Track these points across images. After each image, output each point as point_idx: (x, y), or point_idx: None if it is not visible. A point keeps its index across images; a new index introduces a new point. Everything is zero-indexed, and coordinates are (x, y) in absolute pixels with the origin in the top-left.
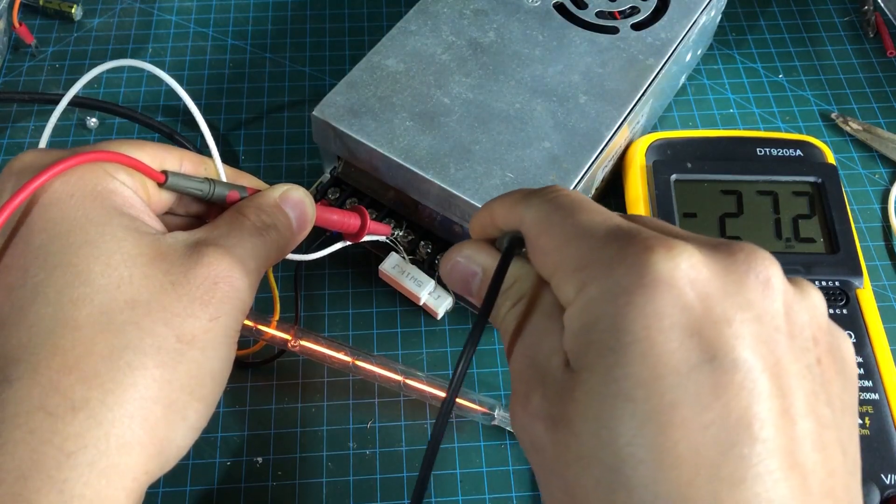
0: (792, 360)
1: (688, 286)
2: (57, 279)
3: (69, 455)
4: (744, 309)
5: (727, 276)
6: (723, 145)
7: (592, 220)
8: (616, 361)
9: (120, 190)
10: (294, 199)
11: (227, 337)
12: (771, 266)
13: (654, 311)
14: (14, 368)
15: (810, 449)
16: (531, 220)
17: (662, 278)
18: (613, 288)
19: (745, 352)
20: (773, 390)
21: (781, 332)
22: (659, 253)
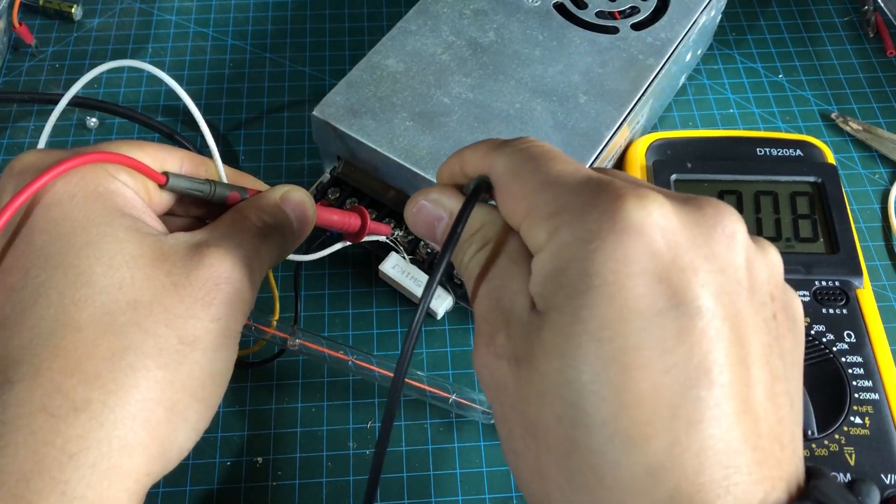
0: (751, 313)
1: (658, 234)
2: (58, 280)
3: (71, 456)
4: (709, 260)
5: (695, 228)
6: (723, 145)
7: (565, 169)
8: (584, 303)
9: (121, 191)
10: (295, 200)
11: (228, 338)
12: (737, 222)
13: (624, 255)
14: (16, 370)
15: (763, 397)
16: (502, 167)
17: (633, 225)
18: (585, 233)
19: (709, 300)
20: (732, 338)
21: (742, 285)
22: (630, 201)
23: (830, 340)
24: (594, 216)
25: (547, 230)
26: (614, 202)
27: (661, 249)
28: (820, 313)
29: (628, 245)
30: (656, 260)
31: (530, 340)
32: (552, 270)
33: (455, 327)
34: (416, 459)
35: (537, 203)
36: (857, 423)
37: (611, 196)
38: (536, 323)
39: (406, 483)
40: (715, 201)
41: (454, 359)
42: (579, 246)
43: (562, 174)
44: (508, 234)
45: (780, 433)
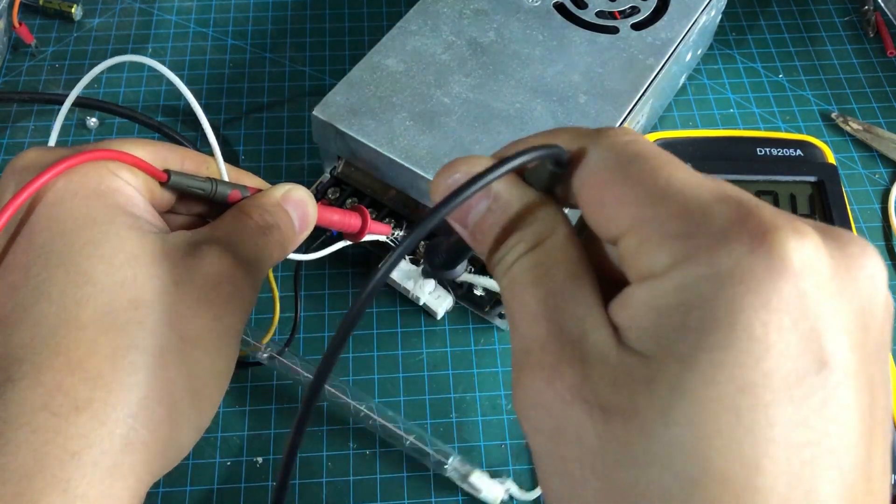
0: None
1: (811, 280)
2: (60, 278)
3: (73, 455)
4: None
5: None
6: (723, 145)
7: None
8: (724, 359)
9: (123, 189)
10: (296, 199)
11: (230, 337)
12: (879, 265)
13: (780, 305)
14: (17, 368)
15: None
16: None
17: (793, 268)
18: (731, 269)
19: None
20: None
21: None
22: (789, 235)
23: None
24: (743, 249)
25: (672, 255)
26: (768, 234)
27: (811, 300)
28: None
29: (783, 291)
30: (807, 313)
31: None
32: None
33: (455, 327)
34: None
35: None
36: None
37: (762, 225)
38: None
39: (406, 483)
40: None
41: (454, 359)
42: (721, 283)
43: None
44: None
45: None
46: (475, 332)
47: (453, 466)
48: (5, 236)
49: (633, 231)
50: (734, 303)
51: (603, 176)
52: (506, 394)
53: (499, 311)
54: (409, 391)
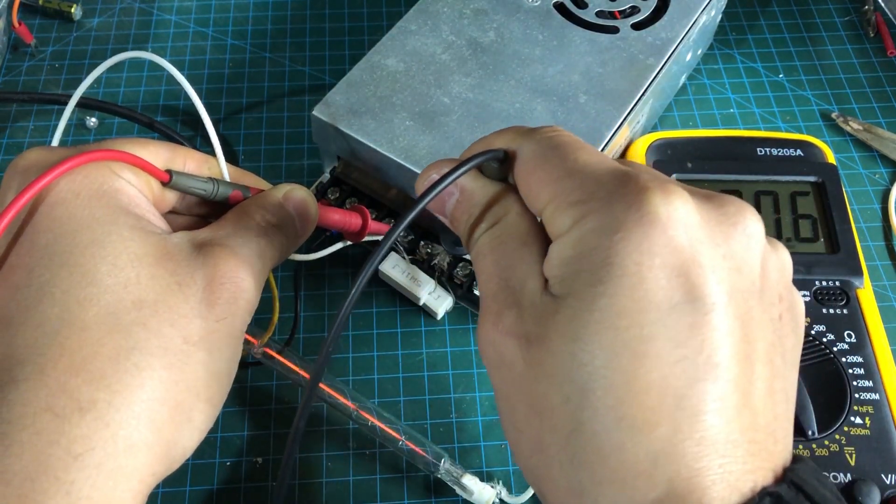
0: (760, 312)
1: (681, 228)
2: (63, 279)
3: (76, 457)
4: (727, 258)
5: (716, 226)
6: (723, 145)
7: (592, 158)
8: (603, 291)
9: (126, 189)
10: (297, 199)
11: (233, 338)
12: (756, 222)
13: (648, 248)
14: (21, 369)
15: (763, 393)
16: (529, 151)
17: (658, 218)
18: (611, 223)
19: (723, 297)
20: (741, 336)
21: (756, 285)
22: (657, 194)
23: (831, 340)
24: (620, 207)
25: (572, 216)
26: (640, 194)
27: (683, 244)
28: (820, 313)
29: (652, 238)
30: (677, 254)
31: (544, 322)
32: (573, 256)
33: (455, 327)
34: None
35: (563, 189)
36: (857, 423)
37: (637, 188)
38: (551, 306)
39: (406, 483)
40: (737, 200)
41: (454, 359)
42: (604, 235)
43: (589, 163)
44: (521, 215)
45: (774, 428)
46: (475, 332)
47: (445, 468)
48: (8, 237)
49: (549, 203)
50: (612, 248)
51: (529, 165)
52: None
53: None
54: (408, 391)
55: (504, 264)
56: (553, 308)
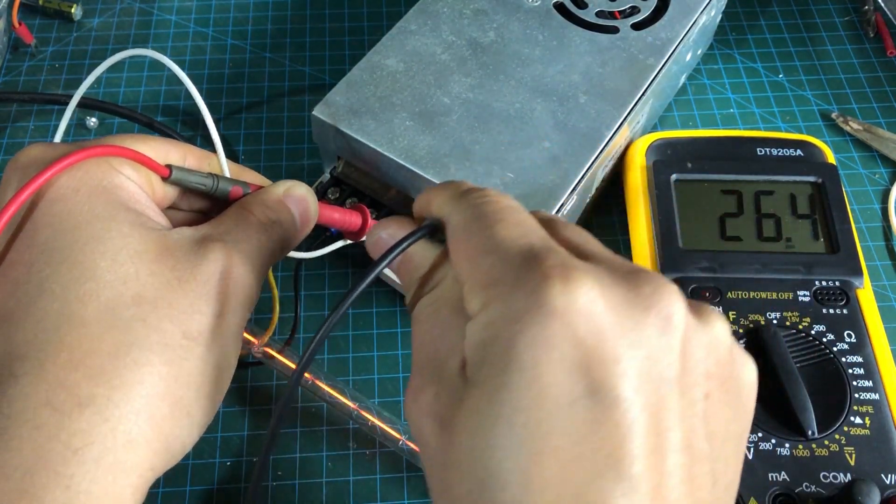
0: (677, 398)
1: (581, 320)
2: (63, 275)
3: (75, 451)
4: (636, 347)
5: (626, 312)
6: (723, 145)
7: (508, 234)
8: (503, 384)
9: (125, 185)
10: (298, 196)
11: (232, 334)
12: (674, 303)
13: (545, 341)
14: (20, 364)
15: (678, 482)
16: (456, 222)
17: (557, 310)
18: (511, 313)
19: (628, 390)
20: (649, 428)
21: (672, 369)
22: (556, 284)
23: (830, 340)
24: (521, 296)
25: (481, 300)
26: (541, 283)
27: (584, 337)
28: (820, 313)
29: (549, 331)
30: (578, 347)
31: (454, 407)
32: (480, 342)
33: None
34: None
35: (477, 269)
36: (857, 423)
37: (539, 276)
38: (461, 390)
39: (406, 483)
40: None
41: None
42: (505, 325)
43: (504, 241)
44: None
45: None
46: None
47: None
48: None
49: (467, 281)
50: (511, 340)
51: (454, 237)
52: None
53: None
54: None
55: (434, 334)
56: (462, 394)
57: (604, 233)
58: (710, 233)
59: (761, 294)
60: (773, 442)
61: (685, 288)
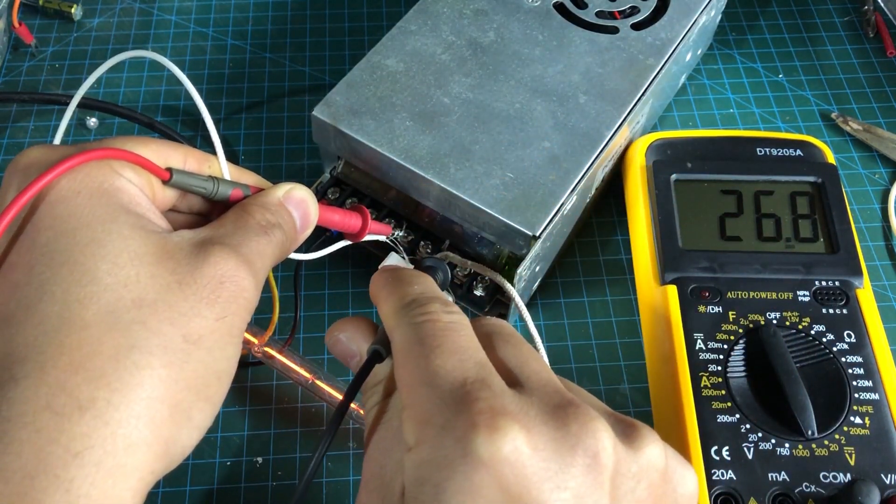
0: None
1: (507, 468)
2: (63, 277)
3: (76, 455)
4: (561, 489)
5: (553, 455)
6: (723, 145)
7: (444, 366)
8: None
9: (126, 187)
10: (297, 198)
11: (232, 337)
12: (602, 439)
13: (470, 489)
14: (20, 367)
15: None
16: (398, 341)
17: (482, 459)
18: (440, 458)
19: None
20: None
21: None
22: (482, 434)
23: (830, 340)
24: (449, 442)
25: (415, 436)
26: (468, 431)
27: (509, 484)
28: (820, 313)
29: (475, 479)
30: (504, 493)
31: None
32: (413, 479)
33: None
34: None
35: (412, 401)
36: (857, 423)
37: (466, 423)
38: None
39: None
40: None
41: None
42: (434, 469)
43: (438, 373)
44: None
45: None
46: None
47: None
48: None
49: (404, 409)
50: (439, 485)
51: (397, 360)
52: None
53: (499, 311)
54: None
55: (382, 446)
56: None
57: (604, 233)
58: (709, 233)
59: (761, 294)
60: (772, 442)
61: (685, 288)
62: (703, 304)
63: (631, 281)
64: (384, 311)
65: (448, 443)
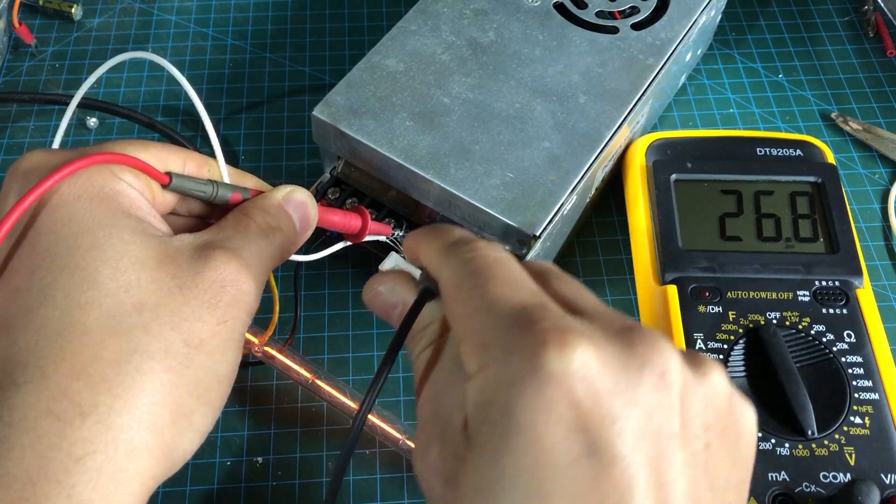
0: (677, 452)
1: (577, 382)
2: (64, 282)
3: (78, 460)
4: (631, 405)
5: (621, 371)
6: (723, 145)
7: (501, 293)
8: (503, 447)
9: (127, 192)
10: (297, 201)
11: (233, 341)
12: (669, 359)
13: (542, 404)
14: (22, 372)
15: None
16: (446, 280)
17: (553, 374)
18: (507, 377)
19: (626, 448)
20: (650, 483)
21: (671, 424)
22: (552, 349)
23: (830, 340)
24: (516, 361)
25: (477, 362)
26: (536, 348)
27: (580, 398)
28: (820, 313)
29: (546, 394)
30: (574, 409)
31: (458, 466)
32: (479, 403)
33: None
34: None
35: (471, 329)
36: (857, 423)
37: (534, 340)
38: (464, 449)
39: (406, 483)
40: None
41: None
42: (501, 389)
43: (496, 301)
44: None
45: None
46: None
47: None
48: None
49: (462, 340)
50: (508, 403)
51: (447, 295)
52: None
53: None
54: (408, 391)
55: (437, 389)
56: (465, 453)
57: (604, 233)
58: (709, 233)
59: (761, 294)
60: (772, 442)
61: (685, 288)
62: (703, 303)
63: (631, 281)
64: (429, 255)
65: (514, 361)
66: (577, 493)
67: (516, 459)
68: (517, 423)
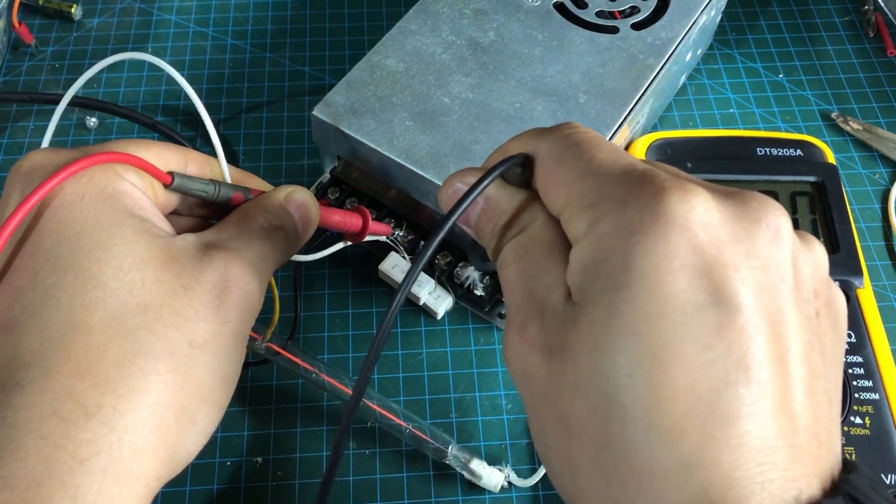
0: (793, 310)
1: (700, 229)
2: (68, 283)
3: (82, 461)
4: (751, 256)
5: (738, 224)
6: (723, 145)
7: (608, 157)
8: (623, 296)
9: (130, 191)
10: (298, 201)
11: (237, 341)
12: (781, 217)
13: (666, 250)
14: (26, 373)
15: (801, 394)
16: (545, 152)
17: (676, 219)
18: (626, 225)
19: (750, 297)
20: (772, 336)
21: (786, 282)
22: (674, 194)
23: None
24: (636, 208)
25: (587, 220)
26: (657, 194)
27: (703, 245)
28: None
29: (670, 239)
30: (698, 255)
31: (565, 332)
32: (591, 261)
33: (455, 327)
34: (417, 459)
35: (579, 191)
36: (857, 423)
37: (654, 188)
38: (572, 315)
39: (406, 483)
40: (759, 196)
41: (454, 359)
42: (620, 238)
43: (605, 162)
44: (546, 223)
45: (817, 430)
46: (475, 332)
47: (453, 454)
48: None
49: (566, 207)
50: (628, 251)
51: (546, 167)
52: (506, 393)
53: (499, 311)
54: (408, 391)
55: (529, 274)
56: (574, 317)
57: None
58: None
59: None
60: None
61: None
62: None
63: None
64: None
65: (632, 210)
66: (703, 341)
67: (638, 307)
68: (639, 271)
